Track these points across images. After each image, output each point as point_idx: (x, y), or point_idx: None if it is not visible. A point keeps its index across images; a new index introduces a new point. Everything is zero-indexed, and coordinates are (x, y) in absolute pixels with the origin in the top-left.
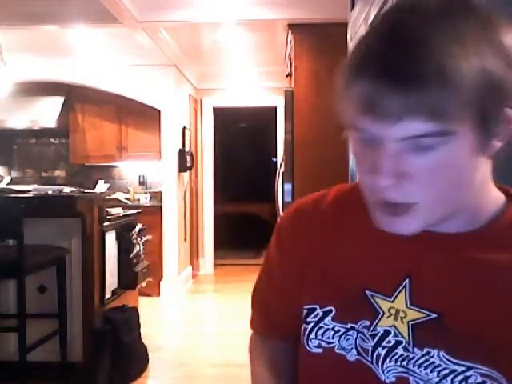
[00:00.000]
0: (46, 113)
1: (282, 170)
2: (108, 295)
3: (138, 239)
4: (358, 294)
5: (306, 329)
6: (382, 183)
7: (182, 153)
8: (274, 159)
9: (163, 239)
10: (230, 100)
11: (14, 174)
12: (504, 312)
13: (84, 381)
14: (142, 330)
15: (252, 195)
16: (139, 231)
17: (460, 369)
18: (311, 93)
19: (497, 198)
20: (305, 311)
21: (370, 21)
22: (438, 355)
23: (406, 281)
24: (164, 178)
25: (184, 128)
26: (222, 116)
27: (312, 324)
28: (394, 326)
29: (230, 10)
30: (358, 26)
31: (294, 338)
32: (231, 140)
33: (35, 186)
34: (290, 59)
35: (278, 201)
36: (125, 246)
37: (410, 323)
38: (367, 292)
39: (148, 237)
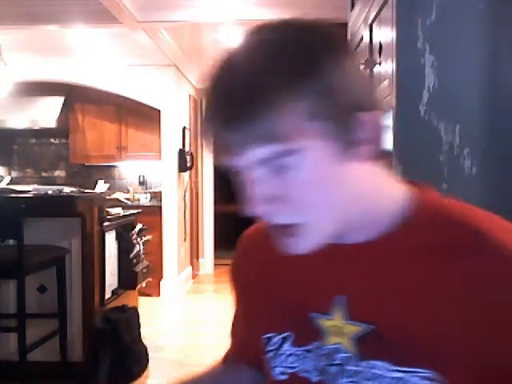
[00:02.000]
0: (46, 113)
1: None
2: (108, 295)
3: (138, 239)
4: (305, 317)
5: (267, 358)
6: (255, 210)
7: (182, 153)
8: None
9: (163, 239)
10: None
11: (14, 174)
12: (425, 314)
13: (84, 381)
14: (142, 330)
15: None
16: (139, 231)
17: (405, 376)
18: None
19: (399, 199)
20: (264, 341)
21: (370, 21)
22: (383, 366)
23: (341, 296)
24: (164, 178)
25: (184, 128)
26: None
27: (272, 353)
28: (340, 343)
29: (230, 9)
30: (358, 26)
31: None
32: None
33: (35, 186)
34: None
35: None
36: (125, 246)
37: (353, 338)
38: (312, 314)
39: (148, 237)
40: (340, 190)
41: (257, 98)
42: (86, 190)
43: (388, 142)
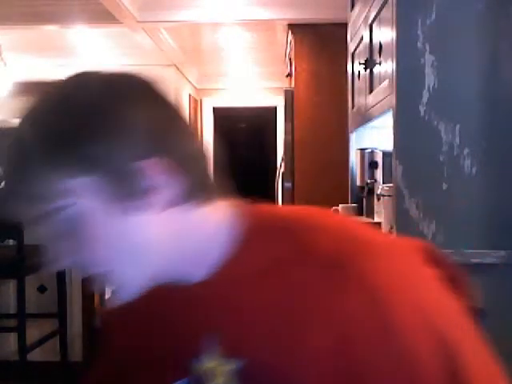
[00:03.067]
0: None
1: (282, 170)
2: (108, 295)
3: None
4: (188, 365)
5: None
6: (57, 265)
7: None
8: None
9: None
10: (230, 100)
11: None
12: (280, 339)
13: None
14: None
15: (252, 195)
16: None
17: None
18: (311, 93)
19: (221, 228)
20: None
21: (370, 21)
22: None
23: (211, 336)
24: None
25: None
26: (222, 116)
27: None
28: (221, 383)
29: (230, 10)
30: (358, 26)
31: None
32: (231, 140)
33: None
34: (290, 59)
35: (278, 201)
36: None
37: (231, 375)
38: (193, 361)
39: None
40: (131, 241)
41: (20, 160)
42: None
43: (388, 142)
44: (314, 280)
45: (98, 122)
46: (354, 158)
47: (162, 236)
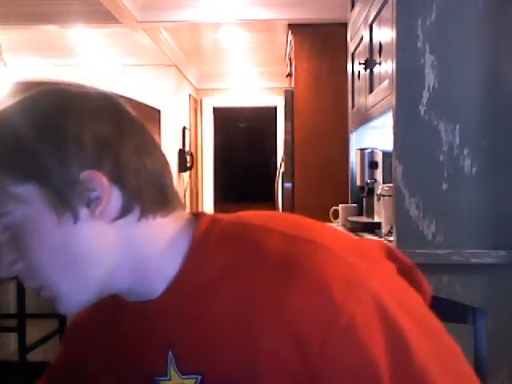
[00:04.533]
0: None
1: (282, 170)
2: None
3: None
4: (150, 382)
5: None
6: (3, 273)
7: (181, 153)
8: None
9: None
10: (230, 100)
11: None
12: (233, 351)
13: None
14: None
15: (252, 195)
16: None
17: None
18: (311, 93)
19: (173, 238)
20: None
21: (370, 21)
22: None
23: (169, 353)
24: None
25: (184, 128)
26: (222, 116)
27: None
28: None
29: (230, 9)
30: (358, 26)
31: None
32: (231, 140)
33: None
34: (290, 59)
35: (278, 201)
36: None
37: None
38: (155, 378)
39: None
40: (72, 251)
41: None
42: None
43: (388, 142)
44: (265, 282)
45: (45, 133)
46: (354, 158)
47: (106, 246)
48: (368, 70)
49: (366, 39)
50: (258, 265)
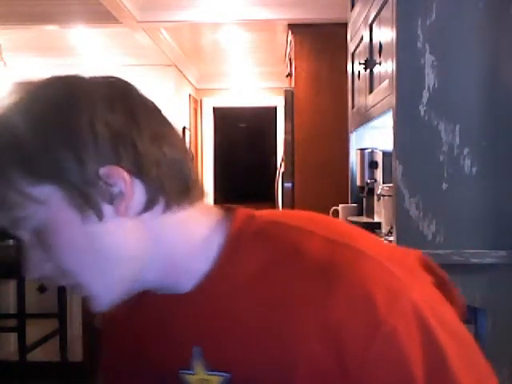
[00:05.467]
0: None
1: (282, 170)
2: None
3: None
4: (175, 376)
5: None
6: (33, 274)
7: None
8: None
9: None
10: (230, 100)
11: None
12: (267, 353)
13: (84, 381)
14: None
15: (252, 195)
16: None
17: None
18: (311, 93)
19: (207, 235)
20: None
21: (370, 21)
22: None
23: (197, 348)
24: None
25: (184, 128)
26: (222, 116)
27: None
28: None
29: (230, 10)
30: (358, 26)
31: None
32: (231, 140)
33: None
34: (290, 59)
35: (278, 201)
36: None
37: None
38: (180, 372)
39: None
40: (100, 248)
41: None
42: None
43: (388, 142)
44: (305, 286)
45: (58, 131)
46: (354, 158)
47: (133, 242)
48: (368, 70)
49: (366, 39)
50: (297, 268)
